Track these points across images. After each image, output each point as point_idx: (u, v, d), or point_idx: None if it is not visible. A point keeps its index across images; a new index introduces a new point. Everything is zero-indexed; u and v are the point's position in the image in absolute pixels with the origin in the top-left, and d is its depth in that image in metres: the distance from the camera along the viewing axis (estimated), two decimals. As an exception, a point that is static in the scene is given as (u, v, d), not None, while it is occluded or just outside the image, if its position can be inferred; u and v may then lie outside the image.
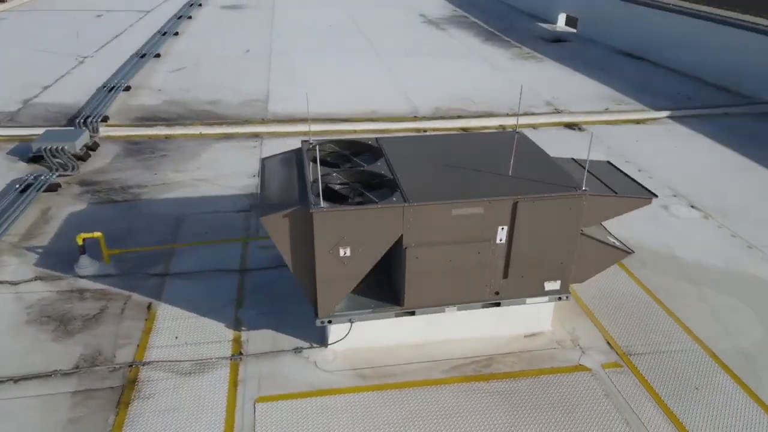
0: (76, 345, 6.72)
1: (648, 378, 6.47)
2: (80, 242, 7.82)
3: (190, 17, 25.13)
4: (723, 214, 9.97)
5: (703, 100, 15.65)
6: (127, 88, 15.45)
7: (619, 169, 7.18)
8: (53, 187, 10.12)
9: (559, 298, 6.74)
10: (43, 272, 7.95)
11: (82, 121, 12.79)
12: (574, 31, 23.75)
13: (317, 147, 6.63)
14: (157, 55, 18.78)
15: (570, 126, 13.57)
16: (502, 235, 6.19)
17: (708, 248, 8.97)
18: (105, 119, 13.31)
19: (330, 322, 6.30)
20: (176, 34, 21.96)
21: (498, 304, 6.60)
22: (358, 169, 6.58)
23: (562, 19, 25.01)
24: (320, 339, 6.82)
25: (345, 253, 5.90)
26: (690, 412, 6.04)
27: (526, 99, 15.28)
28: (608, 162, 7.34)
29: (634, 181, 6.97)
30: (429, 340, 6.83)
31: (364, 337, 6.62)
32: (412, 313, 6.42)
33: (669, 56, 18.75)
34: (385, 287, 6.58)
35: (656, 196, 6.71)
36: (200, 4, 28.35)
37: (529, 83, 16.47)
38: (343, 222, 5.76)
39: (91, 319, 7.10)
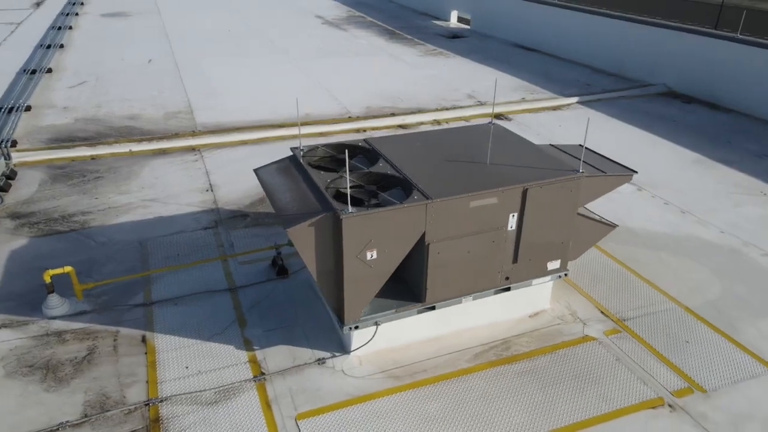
0: (75, 392, 6.06)
1: (645, 338, 7.02)
2: (48, 280, 7.02)
3: (70, 27, 23.16)
4: (652, 185, 10.99)
5: (600, 86, 17.08)
6: (28, 108, 13.98)
7: (594, 151, 7.68)
8: (-19, 224, 8.96)
9: (560, 276, 7.11)
10: (6, 319, 7.05)
11: (-10, 148, 11.42)
12: (468, 27, 24.84)
13: (319, 150, 6.47)
14: (49, 70, 17.15)
15: (498, 117, 14.23)
16: (512, 222, 6.43)
17: (650, 217, 9.85)
18: (14, 144, 11.97)
19: (357, 327, 6.20)
20: (62, 46, 20.16)
21: (508, 289, 6.84)
22: (366, 171, 6.50)
23: (454, 16, 26.05)
24: (339, 346, 6.71)
25: (372, 256, 5.85)
26: (688, 363, 6.65)
27: (449, 94, 15.80)
28: (580, 145, 7.83)
29: (611, 160, 7.51)
30: (444, 333, 6.93)
31: (383, 339, 6.59)
32: (433, 308, 6.48)
33: (559, 47, 20.23)
34: (399, 286, 6.59)
35: (636, 172, 7.29)
36: (77, 14, 26.19)
37: (446, 78, 17.06)
38: (370, 225, 5.71)
39: (81, 362, 6.42)
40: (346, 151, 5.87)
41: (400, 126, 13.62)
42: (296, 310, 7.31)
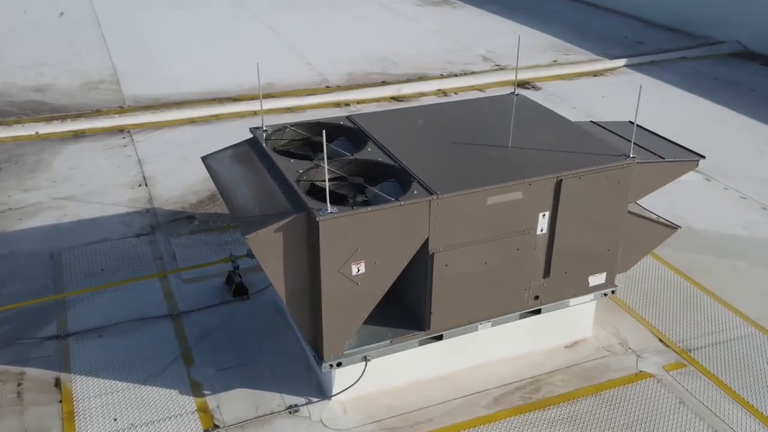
0: (-35, 455, 6.00)
1: (717, 374, 7.05)
2: (-72, 306, 6.96)
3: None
4: (723, 174, 11.05)
5: (656, 44, 17.17)
6: None
7: (648, 130, 7.70)
8: None
9: (605, 294, 7.13)
10: None
11: None
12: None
13: (287, 131, 6.44)
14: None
15: (523, 86, 14.27)
16: (543, 223, 6.42)
17: (723, 215, 9.90)
18: None
19: (340, 364, 6.18)
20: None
21: (538, 312, 6.84)
22: (349, 158, 6.48)
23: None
24: (317, 389, 6.68)
25: (358, 270, 5.83)
26: (774, 406, 6.68)
27: (459, 56, 15.83)
28: (630, 122, 7.85)
29: (670, 141, 7.53)
30: (455, 370, 6.93)
31: (375, 378, 6.55)
32: (440, 338, 6.48)
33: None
34: (396, 309, 6.57)
35: (703, 157, 7.30)
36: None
37: (454, 35, 17.08)
38: (357, 229, 5.68)
39: (-26, 415, 6.37)
40: (323, 131, 5.83)
41: (394, 98, 13.64)
42: (260, 342, 7.28)
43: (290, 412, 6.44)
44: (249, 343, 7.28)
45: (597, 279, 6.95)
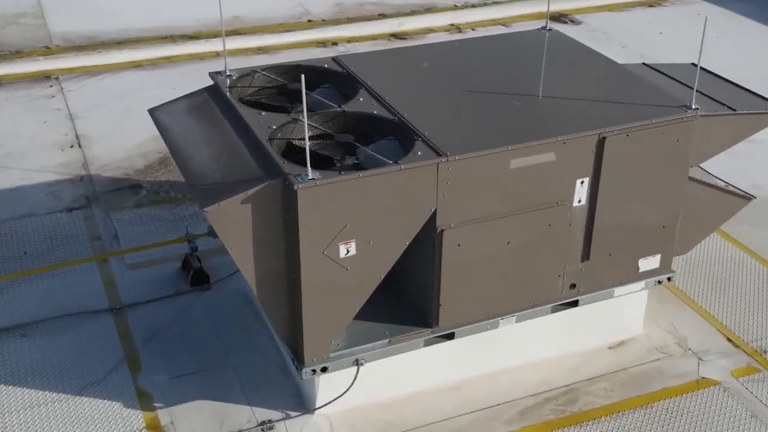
0: None
1: (799, 382, 7.12)
2: None
3: None
4: (812, 131, 11.03)
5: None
6: None
7: (715, 74, 7.71)
8: None
9: (659, 282, 7.16)
10: None
11: None
12: None
13: (257, 77, 6.46)
14: None
15: (557, 18, 14.23)
16: (581, 192, 6.44)
17: (811, 183, 9.93)
18: None
19: (325, 369, 6.22)
20: None
21: (575, 303, 6.87)
22: (337, 111, 6.49)
23: None
24: (296, 401, 6.74)
25: (348, 252, 5.85)
26: None
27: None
28: (693, 64, 7.84)
29: (743, 88, 7.54)
30: (469, 376, 6.99)
31: (370, 387, 6.59)
32: (451, 336, 6.52)
33: None
34: (395, 301, 6.62)
35: (785, 106, 7.31)
36: None
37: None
38: (346, 200, 5.70)
39: None
40: (303, 76, 5.83)
41: (395, 36, 13.62)
42: (224, 342, 7.31)
43: (263, 430, 6.47)
44: (211, 343, 7.30)
45: (649, 263, 6.97)
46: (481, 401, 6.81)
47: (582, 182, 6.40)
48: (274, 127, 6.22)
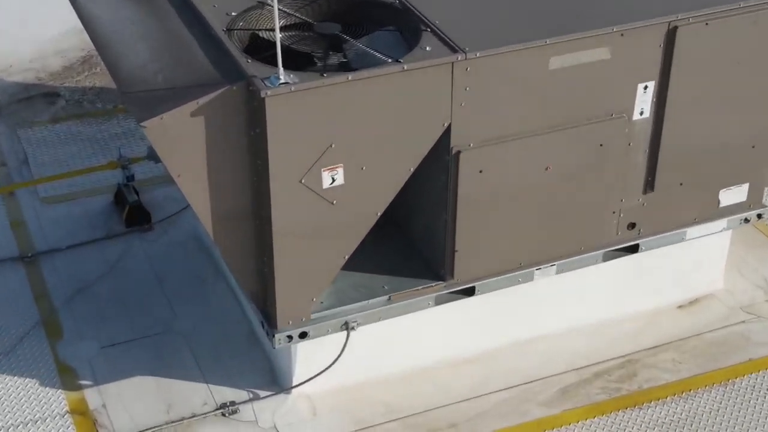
0: None
1: None
2: None
3: None
4: None
5: None
6: None
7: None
8: None
9: (746, 220, 7.13)
10: None
11: None
12: None
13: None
14: None
15: None
16: (644, 101, 6.38)
17: None
18: None
19: (304, 335, 6.20)
20: None
21: (635, 249, 6.84)
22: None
23: None
24: (267, 377, 6.82)
25: (333, 180, 5.83)
26: None
27: None
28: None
29: None
30: (493, 345, 7.04)
31: (363, 360, 6.67)
32: (470, 292, 6.50)
33: None
34: (396, 248, 6.68)
35: None
36: None
37: None
38: (330, 111, 5.66)
39: None
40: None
41: None
42: (171, 300, 7.37)
43: (224, 414, 6.52)
44: (154, 302, 7.37)
45: (733, 195, 6.97)
46: (509, 377, 6.86)
47: (645, 88, 6.37)
48: (234, 13, 6.18)
